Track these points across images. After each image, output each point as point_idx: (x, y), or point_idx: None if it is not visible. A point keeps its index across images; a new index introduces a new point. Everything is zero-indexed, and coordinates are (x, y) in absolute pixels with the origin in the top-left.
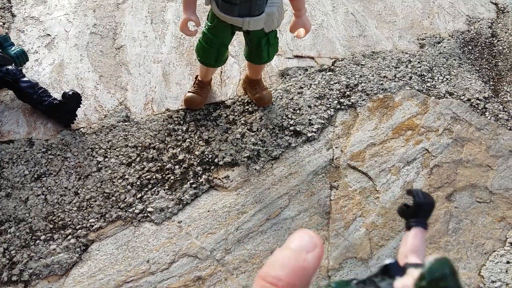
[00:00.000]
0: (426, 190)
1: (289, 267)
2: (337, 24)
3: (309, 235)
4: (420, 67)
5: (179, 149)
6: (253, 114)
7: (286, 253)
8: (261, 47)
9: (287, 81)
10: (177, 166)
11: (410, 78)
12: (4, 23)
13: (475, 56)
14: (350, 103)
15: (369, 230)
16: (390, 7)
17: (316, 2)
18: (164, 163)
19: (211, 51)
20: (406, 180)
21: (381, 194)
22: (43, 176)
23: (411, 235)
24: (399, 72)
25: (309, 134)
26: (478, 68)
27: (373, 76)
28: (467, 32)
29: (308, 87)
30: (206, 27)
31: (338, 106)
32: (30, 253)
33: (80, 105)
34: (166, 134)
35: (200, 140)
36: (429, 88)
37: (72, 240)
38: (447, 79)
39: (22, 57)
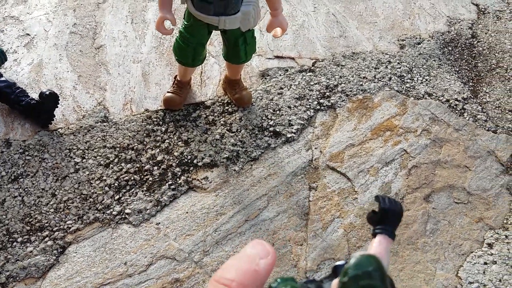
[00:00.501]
0: (404, 191)
1: (242, 270)
2: (318, 24)
3: (263, 244)
4: (400, 68)
5: (158, 150)
6: (233, 114)
7: (240, 257)
8: (238, 47)
9: (267, 81)
10: (155, 167)
11: (390, 79)
12: None
13: (455, 57)
14: (330, 104)
15: (347, 231)
16: (371, 7)
17: (298, 2)
18: (143, 164)
19: (188, 50)
20: (384, 181)
21: (359, 195)
22: (20, 177)
23: (375, 242)
24: (379, 73)
25: (289, 135)
26: (457, 69)
27: (353, 77)
28: (447, 33)
29: (288, 87)
30: (183, 26)
31: (318, 107)
32: (7, 255)
33: (58, 105)
34: (145, 134)
35: (179, 141)
36: (409, 89)
37: (49, 242)
38: (426, 80)
39: (0, 56)
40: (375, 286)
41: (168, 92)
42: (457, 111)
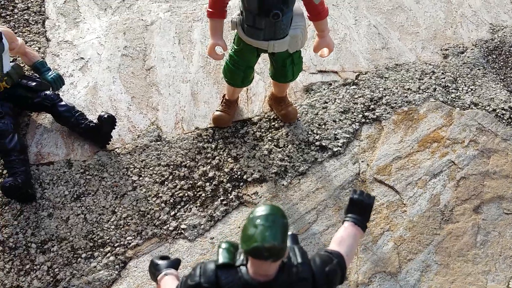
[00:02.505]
0: (453, 202)
1: None
2: (359, 37)
3: None
4: (444, 78)
5: (209, 167)
6: (280, 130)
7: None
8: (286, 67)
9: (311, 96)
10: (207, 184)
11: (434, 89)
12: (39, 48)
13: (500, 65)
14: (375, 117)
15: (397, 244)
16: (412, 18)
17: (338, 16)
18: (195, 181)
19: (238, 73)
20: (433, 193)
21: (408, 207)
22: (82, 196)
23: (342, 228)
24: (423, 84)
25: (335, 149)
26: (503, 77)
27: (397, 89)
28: (490, 40)
29: (333, 101)
30: (233, 50)
31: (363, 120)
32: (73, 271)
33: (115, 126)
34: (196, 152)
35: (229, 157)
36: (454, 99)
37: (111, 258)
38: (471, 89)
39: (58, 81)
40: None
41: (217, 110)
42: (504, 121)
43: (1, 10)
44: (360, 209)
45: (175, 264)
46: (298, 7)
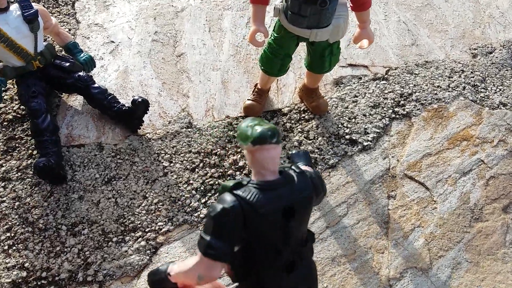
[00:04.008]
0: (483, 201)
1: None
2: (389, 32)
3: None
4: (473, 77)
5: (239, 156)
6: (310, 122)
7: None
8: (324, 57)
9: (341, 89)
10: (237, 172)
11: (464, 88)
12: (69, 30)
13: None
14: (405, 113)
15: (427, 240)
16: (441, 16)
17: None
18: (226, 169)
19: (276, 61)
20: (462, 191)
21: (438, 204)
22: (113, 179)
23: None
24: (453, 82)
25: (365, 143)
26: None
27: (426, 86)
28: None
29: (363, 95)
30: (272, 37)
31: (393, 115)
32: (103, 255)
33: (148, 111)
34: (226, 140)
35: None
36: (483, 98)
37: (143, 243)
38: (500, 89)
39: (90, 63)
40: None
41: (248, 99)
42: None
43: None
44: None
45: None
46: None
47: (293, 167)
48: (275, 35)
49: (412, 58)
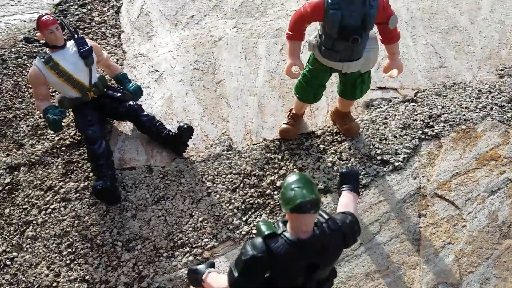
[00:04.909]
0: (511, 219)
1: None
2: (417, 55)
3: None
4: (500, 97)
5: (276, 176)
6: (342, 143)
7: None
8: (356, 86)
9: (372, 111)
10: (275, 192)
11: (491, 108)
12: (117, 60)
13: None
14: (434, 134)
15: (457, 257)
16: (468, 37)
17: None
18: (264, 189)
19: (310, 91)
20: (491, 209)
21: (468, 222)
22: (162, 199)
23: (342, 196)
24: (480, 103)
25: (396, 164)
26: None
27: (455, 107)
28: None
29: (393, 117)
30: (307, 68)
31: (423, 136)
32: (156, 268)
33: (192, 136)
34: (264, 162)
35: (294, 168)
36: (510, 118)
37: (190, 258)
38: None
39: (138, 92)
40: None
41: (284, 123)
42: None
43: (80, 22)
44: (350, 178)
45: (212, 265)
46: (372, 31)
47: (329, 222)
48: (310, 67)
49: (440, 80)
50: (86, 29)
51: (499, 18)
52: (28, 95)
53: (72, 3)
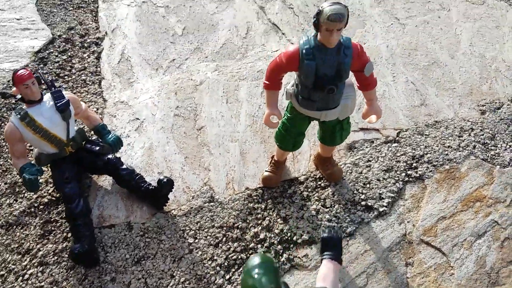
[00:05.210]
0: (499, 264)
1: None
2: (398, 94)
3: None
4: (482, 135)
5: (260, 228)
6: (326, 189)
7: None
8: (335, 133)
9: (354, 154)
10: (259, 245)
11: (474, 147)
12: (97, 109)
13: None
14: (418, 175)
15: None
16: (448, 73)
17: (376, 73)
18: (248, 243)
19: (289, 139)
20: (478, 254)
21: (455, 270)
22: (142, 259)
23: (322, 266)
24: (463, 141)
25: (381, 209)
26: None
27: (437, 146)
28: None
29: (376, 159)
30: (285, 117)
31: (406, 179)
32: None
33: (172, 190)
34: (247, 213)
35: (278, 218)
36: (494, 156)
37: None
38: (510, 146)
39: (118, 143)
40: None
41: (266, 171)
42: None
43: (60, 70)
44: (332, 245)
45: None
46: (349, 78)
47: None
48: (288, 115)
49: (422, 119)
50: (66, 76)
51: (479, 51)
52: (6, 150)
53: (52, 50)
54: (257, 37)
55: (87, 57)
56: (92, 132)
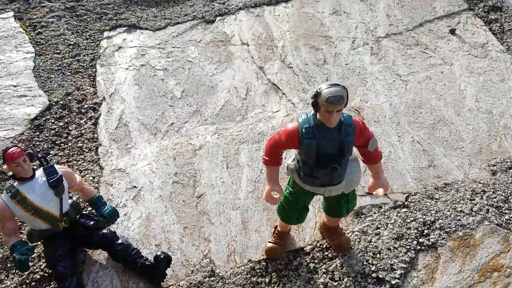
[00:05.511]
0: None
1: None
2: (404, 155)
3: None
4: (495, 197)
5: None
6: (333, 260)
7: None
8: (341, 206)
9: (362, 221)
10: None
11: (487, 211)
12: (94, 177)
13: None
14: (430, 243)
15: None
16: (455, 132)
17: (381, 133)
18: None
19: (293, 213)
20: None
21: None
22: None
23: None
24: (475, 205)
25: (393, 282)
26: None
27: (449, 211)
28: None
29: (385, 227)
30: (288, 191)
31: (418, 247)
32: None
33: (170, 265)
34: None
35: None
36: (508, 220)
37: None
38: None
39: (113, 215)
40: None
41: (269, 242)
42: None
43: (56, 137)
44: None
45: None
46: (353, 152)
47: None
48: (290, 189)
49: (431, 181)
50: (62, 144)
51: (486, 107)
52: None
53: (48, 117)
54: (257, 98)
55: (84, 123)
56: (88, 204)
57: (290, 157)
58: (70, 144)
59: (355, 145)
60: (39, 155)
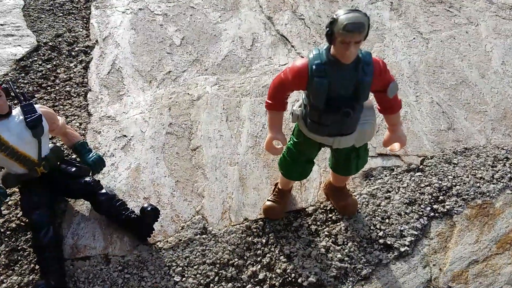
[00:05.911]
0: None
1: None
2: (422, 116)
3: None
4: None
5: (259, 266)
6: (338, 223)
7: None
8: (350, 161)
9: (372, 183)
10: (257, 287)
11: (510, 179)
12: (80, 124)
13: None
14: (445, 210)
15: None
16: (478, 94)
17: (398, 91)
18: (244, 283)
19: (296, 167)
20: None
21: None
22: None
23: None
24: (497, 172)
25: (402, 249)
26: None
27: (468, 177)
28: None
29: (396, 190)
30: (291, 142)
31: (432, 214)
32: None
33: (158, 219)
34: (245, 248)
35: (281, 255)
36: None
37: None
38: None
39: (99, 164)
40: None
41: (268, 200)
42: None
43: (42, 80)
44: None
45: None
46: (369, 100)
47: None
48: (295, 139)
49: (450, 145)
50: (49, 87)
51: None
52: None
53: (36, 58)
54: (264, 50)
55: (73, 67)
56: (72, 151)
57: (297, 101)
58: (57, 88)
59: (372, 89)
60: (17, 91)
